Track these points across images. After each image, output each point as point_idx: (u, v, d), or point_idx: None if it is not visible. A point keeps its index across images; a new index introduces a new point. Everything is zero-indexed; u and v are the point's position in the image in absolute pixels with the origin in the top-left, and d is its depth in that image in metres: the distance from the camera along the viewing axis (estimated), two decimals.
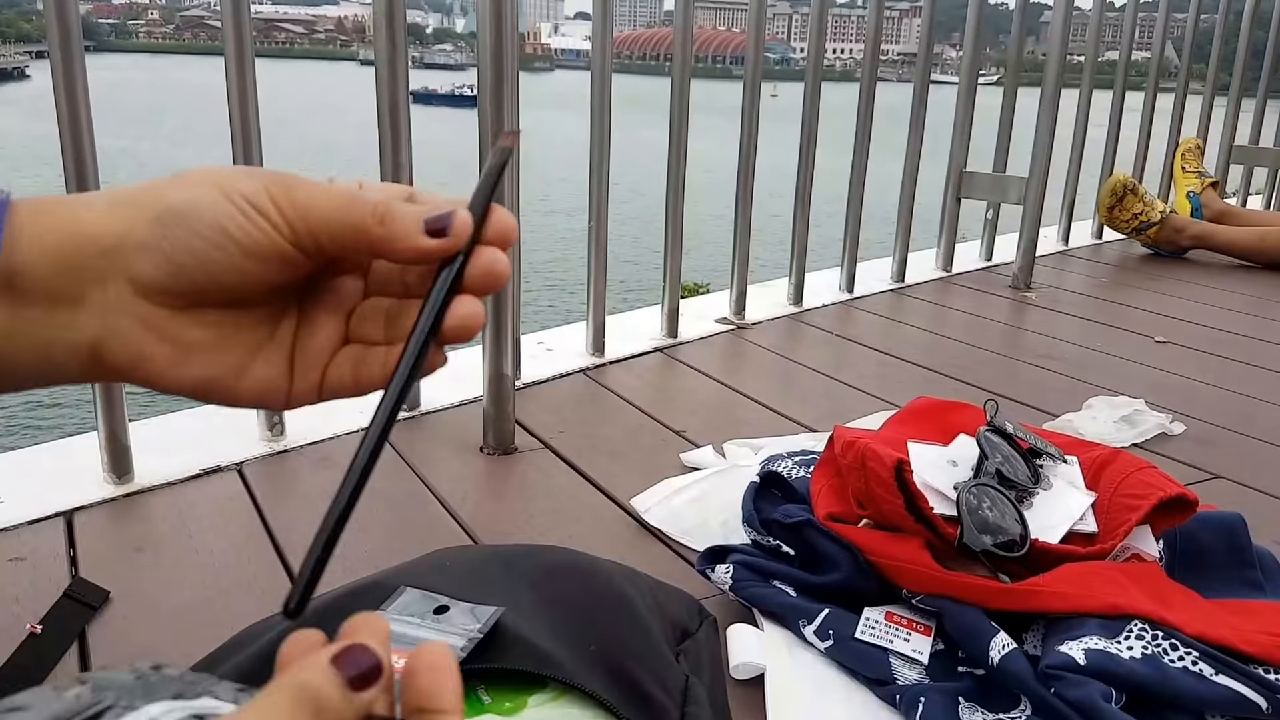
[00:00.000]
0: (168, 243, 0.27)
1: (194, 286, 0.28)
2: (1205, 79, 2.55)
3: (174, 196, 0.28)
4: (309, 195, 0.28)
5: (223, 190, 0.28)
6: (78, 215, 0.27)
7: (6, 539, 0.80)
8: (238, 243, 0.27)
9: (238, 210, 0.27)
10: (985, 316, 1.65)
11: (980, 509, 0.67)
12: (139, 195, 0.28)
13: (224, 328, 0.29)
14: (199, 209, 0.27)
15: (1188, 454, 1.06)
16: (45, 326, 0.27)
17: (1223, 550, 0.75)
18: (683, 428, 1.09)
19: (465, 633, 0.41)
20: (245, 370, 0.29)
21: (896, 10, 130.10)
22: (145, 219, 0.27)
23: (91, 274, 0.27)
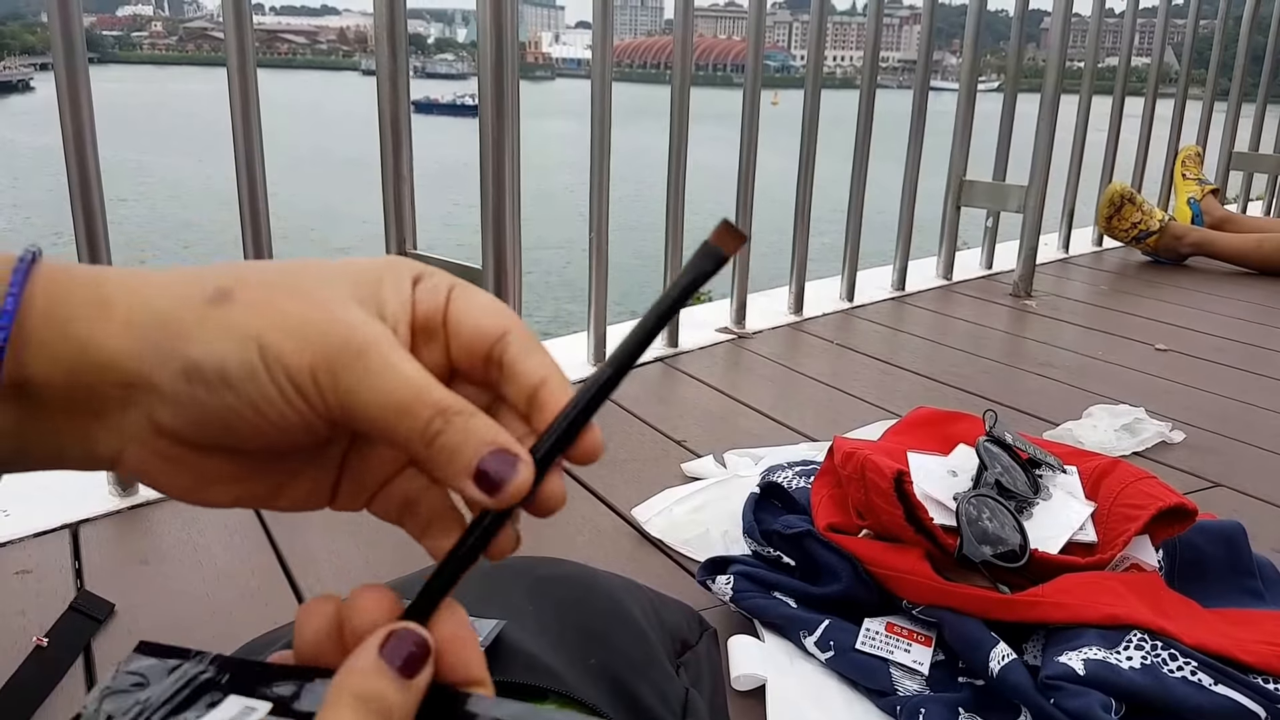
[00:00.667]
0: (191, 403, 0.24)
1: (215, 441, 0.25)
2: (1205, 84, 2.56)
3: (200, 351, 0.24)
4: (360, 383, 0.24)
5: (261, 356, 0.24)
6: (94, 336, 0.24)
7: (13, 552, 0.80)
8: (268, 420, 0.24)
9: (274, 387, 0.24)
10: (986, 325, 1.66)
11: (980, 519, 0.67)
12: (163, 326, 0.24)
13: (249, 467, 0.26)
14: (228, 377, 0.24)
15: (1188, 462, 1.06)
16: (59, 435, 0.25)
17: (1222, 559, 0.75)
18: (683, 437, 1.10)
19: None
20: (279, 491, 0.27)
21: (896, 18, 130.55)
22: (168, 369, 0.24)
23: (110, 400, 0.24)
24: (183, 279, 0.25)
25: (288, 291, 0.25)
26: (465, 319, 0.26)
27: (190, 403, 0.24)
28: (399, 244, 1.05)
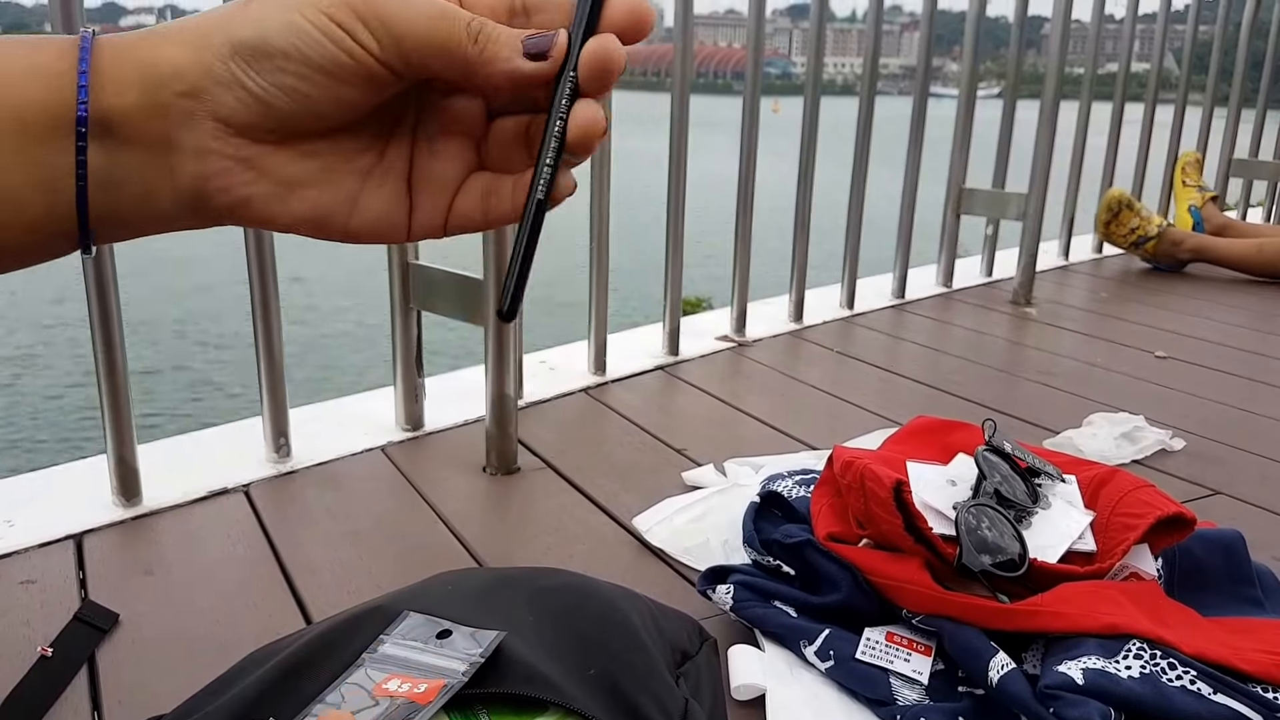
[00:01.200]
0: (249, 79, 0.25)
1: (286, 119, 0.26)
2: (1205, 90, 2.57)
3: (244, 31, 0.25)
4: (394, 6, 0.25)
5: (299, 10, 0.25)
6: (156, 53, 0.26)
7: (17, 562, 0.81)
8: (321, 69, 0.25)
9: (316, 31, 0.25)
10: (986, 332, 1.66)
11: (979, 529, 0.68)
12: (210, 28, 0.26)
13: (327, 158, 0.27)
14: (270, 40, 0.25)
15: (1188, 470, 1.06)
16: (145, 173, 0.26)
17: (1222, 568, 0.75)
18: (684, 446, 1.10)
19: (467, 657, 0.42)
20: (357, 202, 0.28)
21: (897, 25, 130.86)
22: (220, 55, 0.25)
23: (178, 114, 0.26)
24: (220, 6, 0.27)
25: None
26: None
27: (246, 80, 0.25)
28: (401, 254, 1.05)
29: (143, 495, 0.91)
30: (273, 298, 0.98)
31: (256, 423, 1.03)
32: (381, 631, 0.44)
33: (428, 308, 1.07)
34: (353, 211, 0.28)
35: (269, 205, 0.27)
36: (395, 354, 1.10)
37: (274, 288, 0.98)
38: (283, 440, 1.01)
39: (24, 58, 0.25)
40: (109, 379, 0.87)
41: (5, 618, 0.72)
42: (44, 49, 0.26)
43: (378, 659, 0.43)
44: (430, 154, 0.29)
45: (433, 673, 0.42)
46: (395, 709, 0.40)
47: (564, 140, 0.27)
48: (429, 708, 0.39)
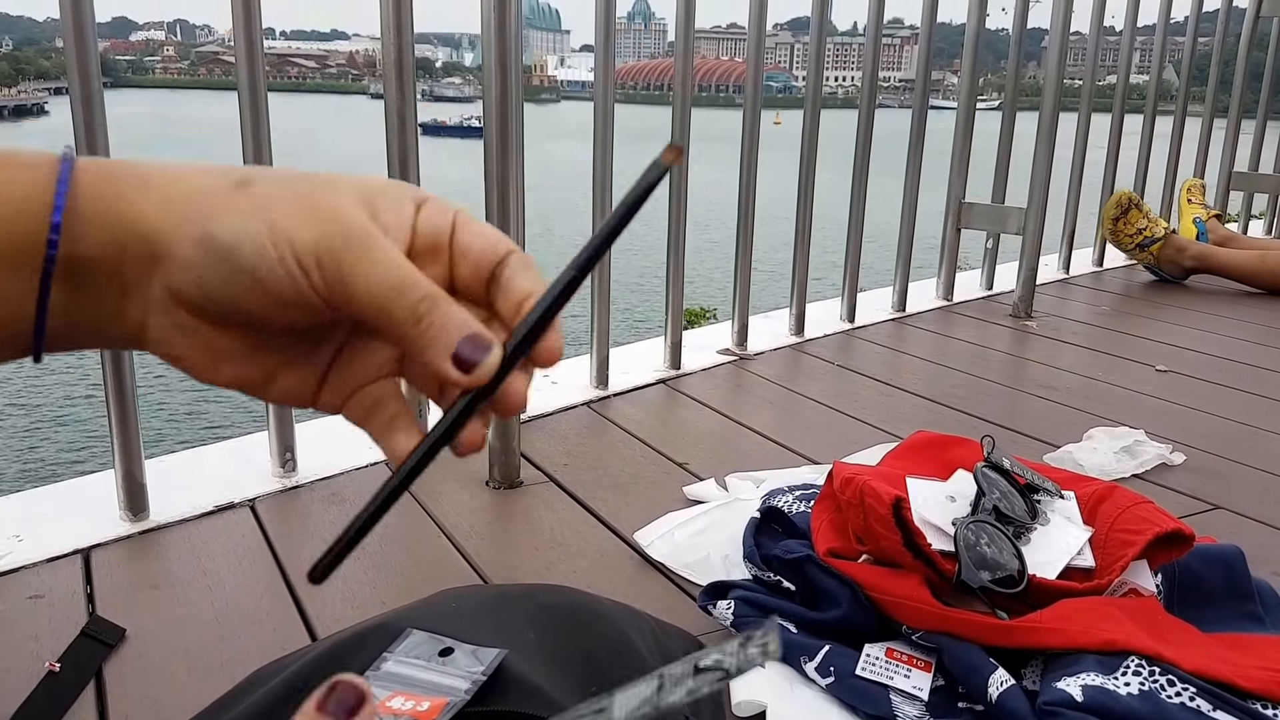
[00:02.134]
0: (205, 270, 0.27)
1: (224, 313, 0.28)
2: (1204, 101, 2.58)
3: (221, 223, 0.26)
4: (359, 264, 0.27)
5: (273, 233, 0.26)
6: (136, 209, 0.27)
7: (26, 577, 0.81)
8: (270, 294, 0.27)
9: (278, 262, 0.26)
10: (986, 346, 1.67)
11: (978, 545, 0.68)
12: (193, 202, 0.27)
13: (253, 347, 0.29)
14: (240, 250, 0.26)
15: (1188, 484, 1.06)
16: (99, 310, 0.27)
17: (1221, 583, 0.75)
18: (685, 460, 1.11)
19: (469, 675, 0.43)
20: (272, 380, 0.30)
21: (897, 38, 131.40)
22: (190, 237, 0.26)
23: (140, 270, 0.27)
24: (212, 169, 0.28)
25: (301, 184, 0.28)
26: (476, 240, 0.29)
27: (204, 270, 0.26)
28: None
29: (150, 510, 0.92)
30: None
31: (262, 437, 1.04)
32: (385, 649, 0.45)
33: None
34: (269, 385, 0.30)
35: (199, 368, 0.29)
36: None
37: None
38: (288, 455, 1.02)
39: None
40: (117, 398, 0.88)
41: (14, 632, 0.73)
42: (17, 181, 0.26)
43: (381, 677, 0.44)
44: (352, 356, 0.30)
45: (435, 691, 0.42)
46: None
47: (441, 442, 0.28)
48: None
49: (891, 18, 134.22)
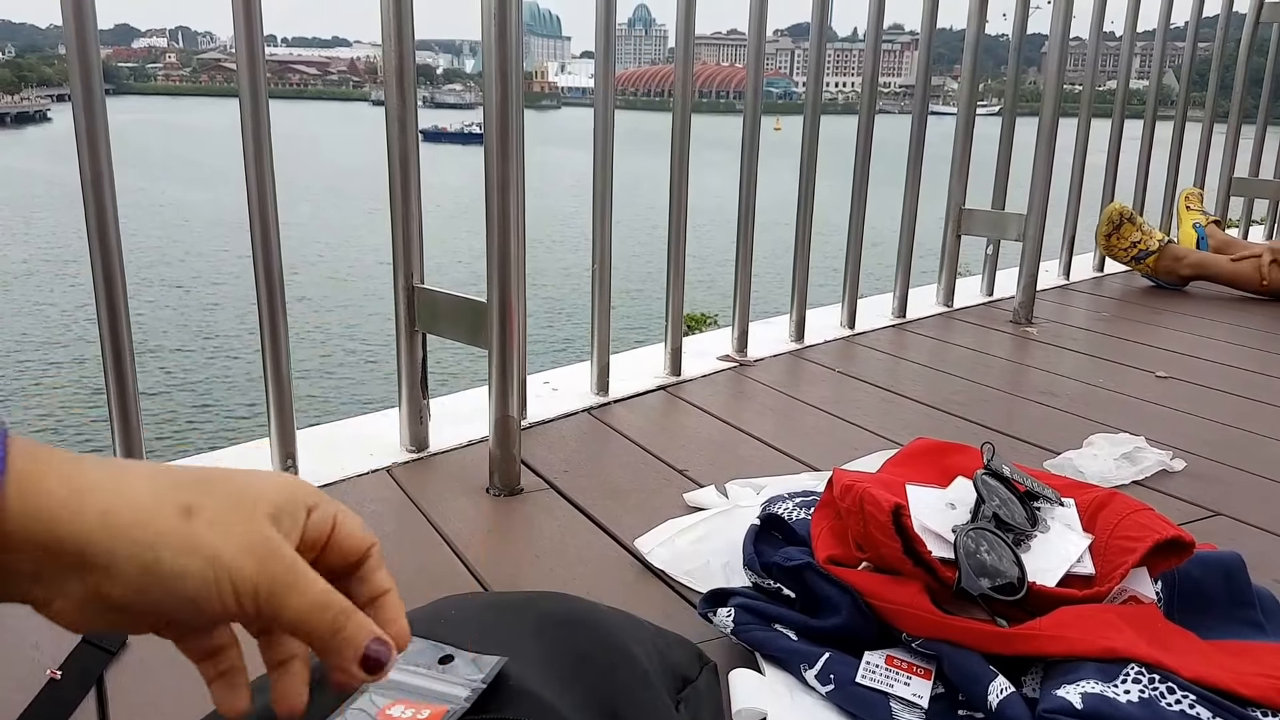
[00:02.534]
0: (141, 587, 0.30)
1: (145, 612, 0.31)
2: (1204, 106, 2.59)
3: (168, 557, 0.30)
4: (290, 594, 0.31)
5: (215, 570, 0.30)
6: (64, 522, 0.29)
7: None
8: (202, 613, 0.31)
9: (218, 594, 0.30)
10: (987, 352, 1.67)
11: (978, 552, 0.68)
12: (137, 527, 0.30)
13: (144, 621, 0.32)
14: (185, 582, 0.30)
15: (1188, 491, 1.06)
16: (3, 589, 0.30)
17: (1222, 591, 0.75)
18: (685, 467, 1.11)
19: (469, 683, 0.43)
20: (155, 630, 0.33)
21: (898, 44, 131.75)
22: (134, 562, 0.30)
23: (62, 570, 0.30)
24: (155, 482, 0.31)
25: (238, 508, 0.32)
26: (348, 539, 0.35)
27: (141, 587, 0.30)
28: (407, 278, 1.07)
29: None
30: (281, 322, 0.99)
31: (264, 444, 1.05)
32: None
33: (432, 331, 1.08)
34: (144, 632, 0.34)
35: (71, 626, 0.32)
36: (400, 376, 1.11)
37: (282, 313, 0.99)
38: (290, 462, 1.02)
39: None
40: (119, 404, 0.89)
41: (15, 640, 0.73)
42: None
43: (381, 685, 0.44)
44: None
45: (435, 698, 0.43)
46: None
47: None
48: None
49: (892, 23, 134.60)
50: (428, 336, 1.10)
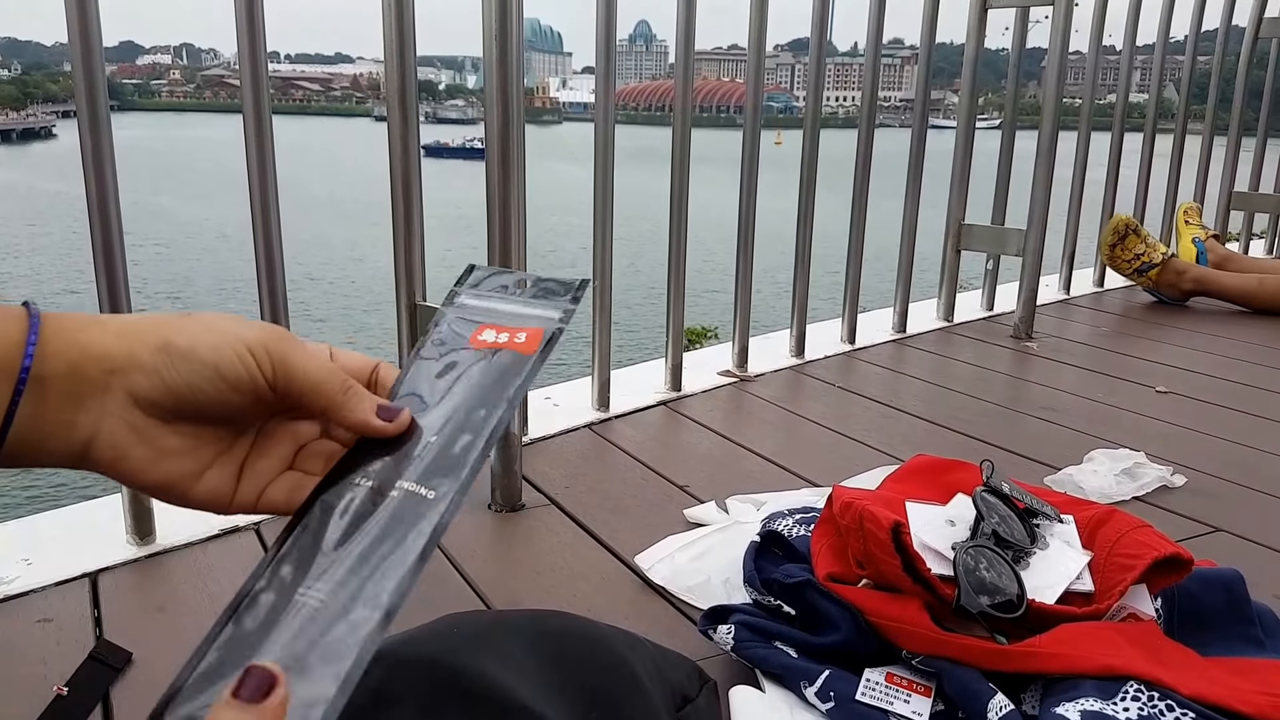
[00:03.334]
0: (167, 371, 0.33)
1: (180, 405, 0.34)
2: (1204, 119, 2.60)
3: (177, 337, 0.34)
4: (297, 354, 0.35)
5: (224, 336, 0.34)
6: (91, 338, 0.33)
7: (35, 600, 0.82)
8: (226, 380, 0.34)
9: (234, 354, 0.34)
10: (987, 367, 1.67)
11: (977, 570, 0.69)
12: (147, 329, 0.34)
13: (194, 438, 0.35)
14: (198, 349, 0.34)
15: (1188, 507, 1.07)
16: (53, 422, 0.33)
17: (1221, 607, 0.75)
18: (686, 482, 1.11)
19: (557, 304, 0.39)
20: (201, 477, 0.36)
21: (898, 58, 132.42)
22: (150, 348, 0.33)
23: (95, 384, 0.33)
24: (155, 314, 0.35)
25: (229, 318, 0.35)
26: (349, 357, 0.38)
27: (164, 370, 0.33)
28: (409, 296, 1.08)
29: (156, 533, 0.93)
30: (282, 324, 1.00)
31: None
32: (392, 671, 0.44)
33: None
34: (195, 484, 0.36)
35: (142, 465, 0.34)
36: None
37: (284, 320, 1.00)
38: None
39: None
40: None
41: (23, 656, 0.73)
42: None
43: (459, 310, 0.40)
44: (261, 451, 0.37)
45: (526, 321, 0.38)
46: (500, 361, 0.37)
47: None
48: (534, 358, 0.37)
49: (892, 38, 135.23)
50: None
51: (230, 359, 0.34)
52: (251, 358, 0.34)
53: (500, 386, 0.36)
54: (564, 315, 0.38)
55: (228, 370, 0.34)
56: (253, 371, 0.34)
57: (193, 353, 0.33)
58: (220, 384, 0.34)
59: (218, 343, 0.34)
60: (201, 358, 0.33)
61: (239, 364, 0.34)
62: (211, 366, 0.33)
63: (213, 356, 0.34)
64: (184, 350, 0.33)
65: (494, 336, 0.38)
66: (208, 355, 0.33)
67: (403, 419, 0.35)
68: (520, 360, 0.37)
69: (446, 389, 0.37)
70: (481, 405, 0.36)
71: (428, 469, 0.34)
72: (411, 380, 0.38)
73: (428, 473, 0.34)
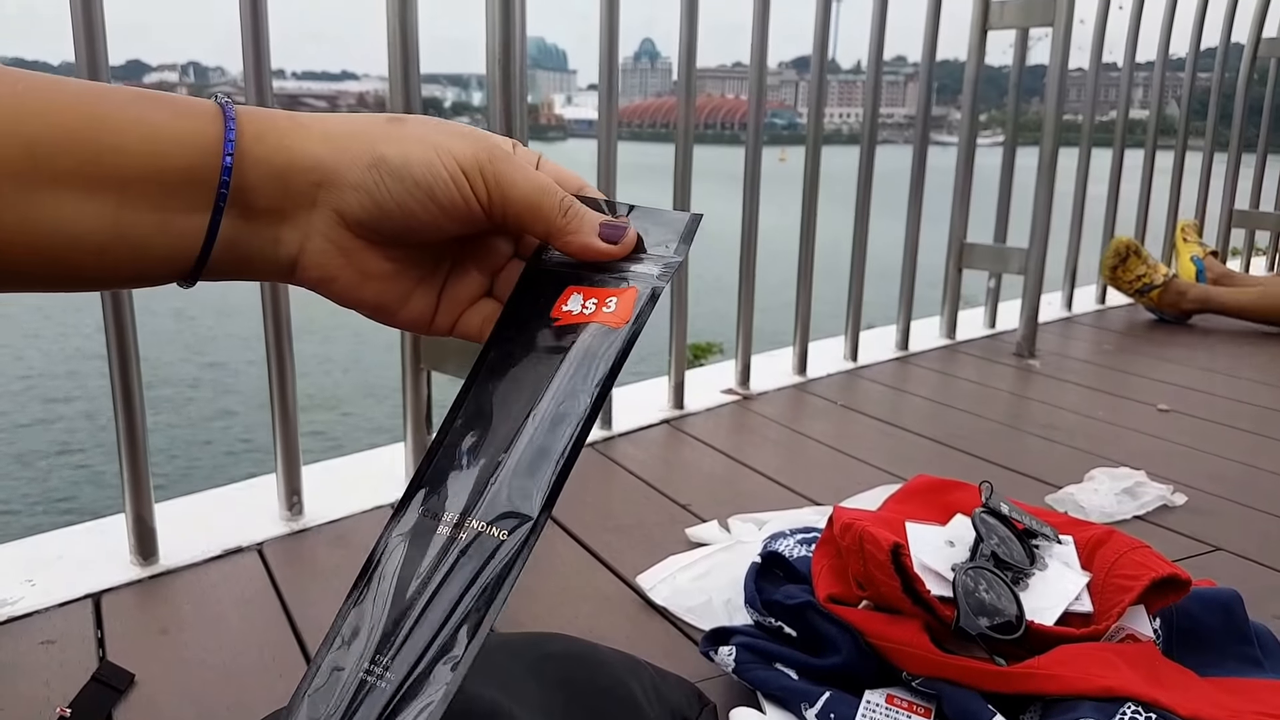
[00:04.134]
0: (378, 189, 0.31)
1: (390, 226, 0.31)
2: (1204, 135, 2.61)
3: (388, 149, 0.31)
4: (512, 173, 0.32)
5: (437, 152, 0.31)
6: (296, 144, 0.31)
7: (38, 622, 0.83)
8: (439, 203, 0.31)
9: (448, 174, 0.31)
10: (989, 385, 1.68)
11: (976, 591, 0.69)
12: (356, 137, 0.31)
13: (400, 263, 0.33)
14: (411, 167, 0.31)
15: (1189, 526, 1.07)
16: (260, 238, 0.31)
17: (1220, 627, 0.76)
18: (688, 501, 1.12)
19: (660, 258, 0.33)
20: (407, 300, 0.34)
21: (901, 75, 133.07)
22: (360, 163, 0.31)
23: (302, 198, 0.31)
24: (359, 115, 0.33)
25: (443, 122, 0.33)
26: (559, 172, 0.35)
27: (376, 189, 0.31)
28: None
29: (159, 554, 0.93)
30: (288, 358, 1.01)
31: (270, 480, 1.06)
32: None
33: (438, 368, 1.10)
34: (402, 307, 0.34)
35: (348, 287, 0.33)
36: (406, 412, 1.13)
37: (289, 351, 1.01)
38: (295, 499, 1.03)
39: (169, 123, 0.29)
40: (128, 442, 0.90)
41: (27, 678, 0.74)
42: (187, 117, 0.29)
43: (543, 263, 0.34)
44: (459, 276, 0.36)
45: (621, 277, 0.33)
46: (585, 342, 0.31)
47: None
48: (624, 334, 0.31)
49: (896, 55, 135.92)
50: (433, 373, 1.11)
51: (445, 181, 0.31)
52: (465, 180, 0.31)
53: (584, 376, 0.31)
54: (664, 271, 0.33)
55: (441, 193, 0.31)
56: (467, 195, 0.31)
57: (405, 168, 0.31)
58: (432, 206, 0.31)
59: (430, 159, 0.31)
60: (415, 177, 0.31)
61: (453, 188, 0.31)
62: (425, 189, 0.31)
63: (426, 176, 0.31)
64: (397, 166, 0.31)
65: (579, 305, 0.32)
66: (421, 175, 0.31)
67: (629, 239, 0.32)
68: (607, 336, 0.31)
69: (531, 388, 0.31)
70: (563, 406, 0.30)
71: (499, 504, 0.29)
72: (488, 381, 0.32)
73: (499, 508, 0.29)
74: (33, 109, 0.27)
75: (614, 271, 0.33)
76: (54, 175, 0.27)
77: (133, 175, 0.28)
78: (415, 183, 0.31)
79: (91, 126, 0.27)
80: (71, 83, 0.28)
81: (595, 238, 0.32)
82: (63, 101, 0.27)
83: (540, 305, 0.33)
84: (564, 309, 0.32)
